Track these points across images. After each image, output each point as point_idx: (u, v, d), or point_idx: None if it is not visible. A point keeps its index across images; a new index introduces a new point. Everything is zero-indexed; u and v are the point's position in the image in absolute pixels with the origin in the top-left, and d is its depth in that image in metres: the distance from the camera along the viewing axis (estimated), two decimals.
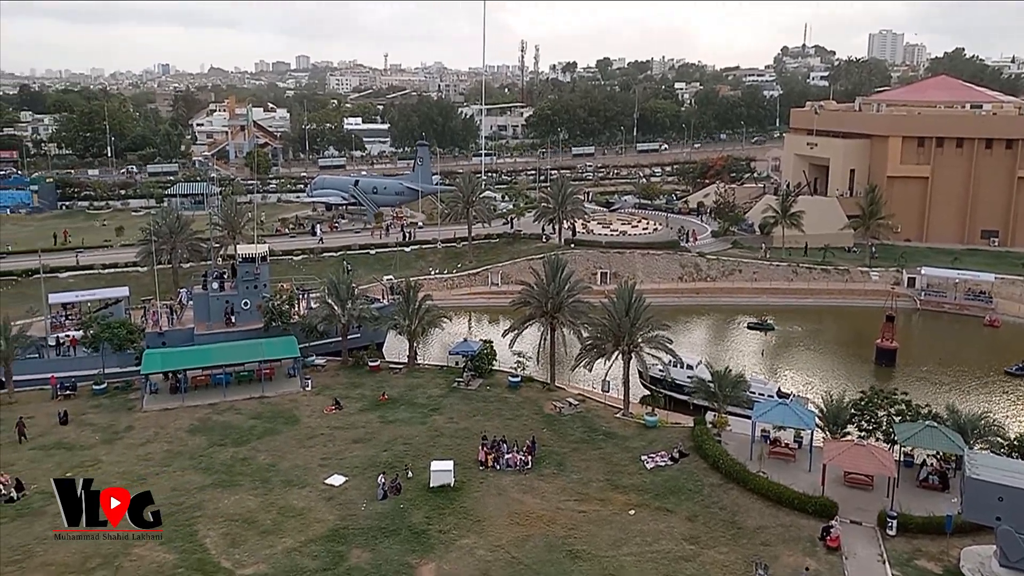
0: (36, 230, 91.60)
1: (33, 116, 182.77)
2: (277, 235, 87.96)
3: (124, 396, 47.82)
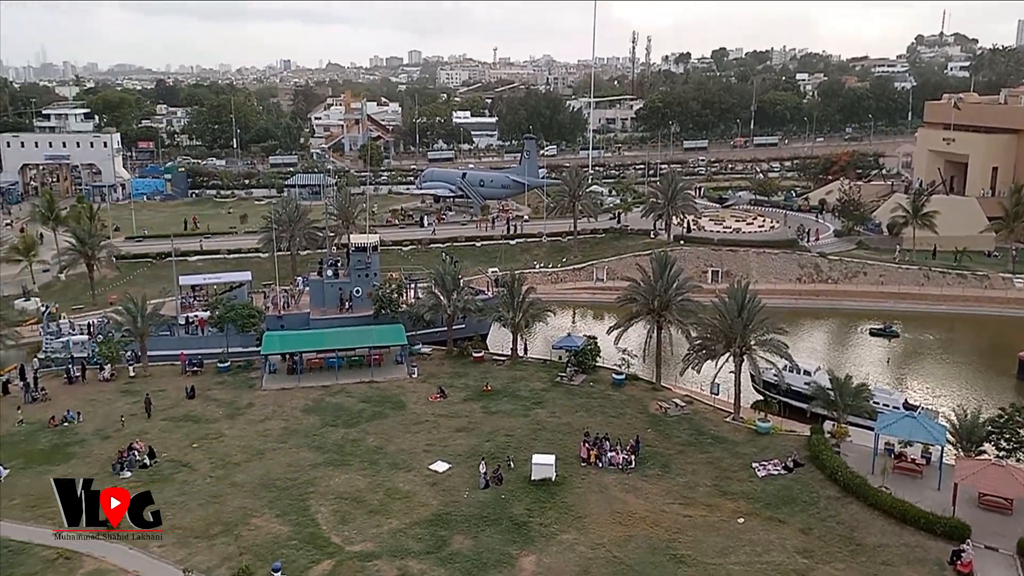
0: (169, 216, 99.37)
1: (168, 109, 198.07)
2: (387, 226, 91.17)
3: (245, 375, 51.10)
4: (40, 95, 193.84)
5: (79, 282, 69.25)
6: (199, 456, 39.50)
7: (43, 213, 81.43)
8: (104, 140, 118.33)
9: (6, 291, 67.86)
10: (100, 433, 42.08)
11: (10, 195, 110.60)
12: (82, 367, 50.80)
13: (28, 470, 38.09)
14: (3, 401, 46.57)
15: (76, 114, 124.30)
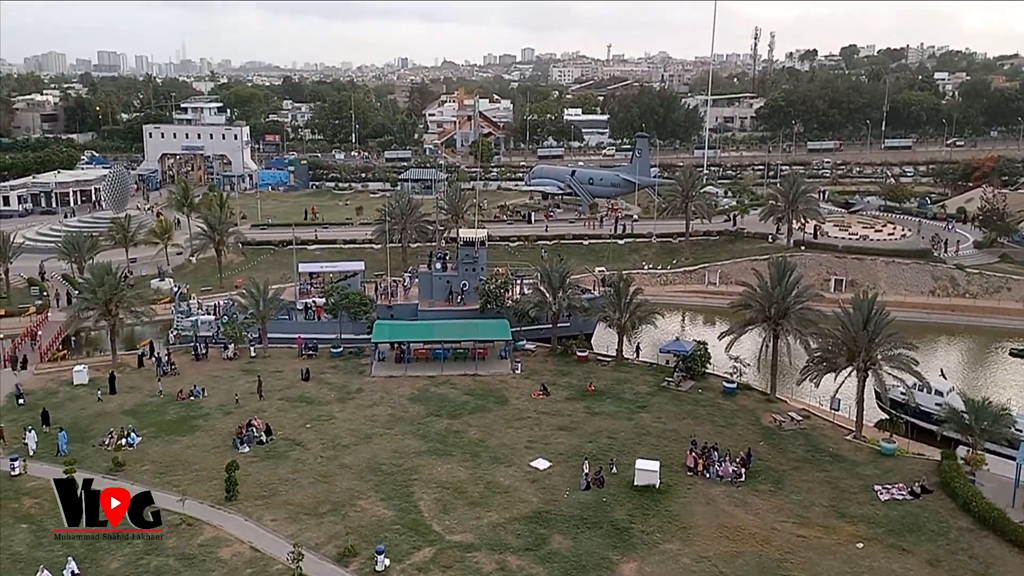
0: (291, 206, 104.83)
1: (293, 104, 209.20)
2: (496, 221, 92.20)
3: (356, 361, 53.09)
4: (179, 90, 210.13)
5: (208, 265, 74.27)
6: (311, 436, 41.35)
7: (179, 200, 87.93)
8: (235, 133, 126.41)
9: (144, 271, 73.67)
10: (222, 408, 44.87)
11: (151, 182, 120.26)
12: (206, 345, 54.48)
13: (158, 439, 41.12)
14: (138, 373, 50.54)
15: (210, 108, 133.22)
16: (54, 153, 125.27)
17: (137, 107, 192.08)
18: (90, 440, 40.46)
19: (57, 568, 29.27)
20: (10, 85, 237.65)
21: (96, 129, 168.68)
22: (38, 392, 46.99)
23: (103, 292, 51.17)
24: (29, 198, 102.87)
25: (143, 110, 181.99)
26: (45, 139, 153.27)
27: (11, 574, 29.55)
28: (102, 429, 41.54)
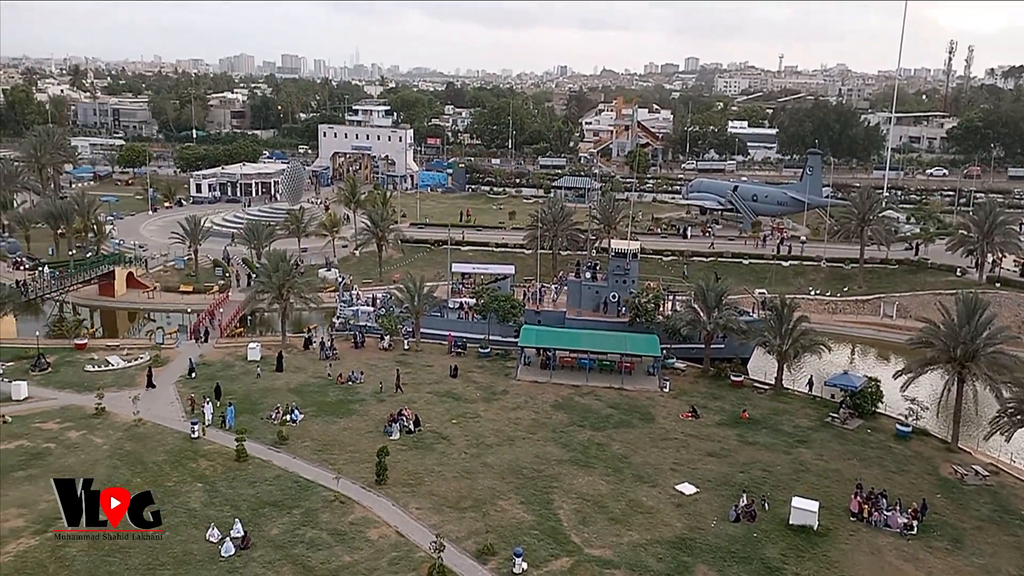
0: (447, 207, 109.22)
1: (454, 110, 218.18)
2: (649, 234, 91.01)
3: (502, 363, 54.34)
4: (352, 93, 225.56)
5: (370, 259, 79.02)
6: (456, 432, 42.79)
7: (347, 196, 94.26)
8: (400, 135, 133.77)
9: (312, 261, 79.58)
10: (376, 395, 47.52)
11: (323, 178, 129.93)
12: (363, 334, 57.96)
13: (318, 418, 44.23)
14: (303, 355, 54.62)
15: (378, 111, 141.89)
16: (240, 147, 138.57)
17: (314, 108, 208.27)
18: (259, 413, 44.24)
19: (225, 528, 32.24)
20: (206, 84, 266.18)
21: (277, 126, 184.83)
22: (217, 364, 52.08)
23: (277, 277, 55.82)
24: (218, 187, 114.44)
25: (319, 110, 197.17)
26: (234, 134, 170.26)
27: (187, 527, 32.89)
28: (270, 404, 45.33)
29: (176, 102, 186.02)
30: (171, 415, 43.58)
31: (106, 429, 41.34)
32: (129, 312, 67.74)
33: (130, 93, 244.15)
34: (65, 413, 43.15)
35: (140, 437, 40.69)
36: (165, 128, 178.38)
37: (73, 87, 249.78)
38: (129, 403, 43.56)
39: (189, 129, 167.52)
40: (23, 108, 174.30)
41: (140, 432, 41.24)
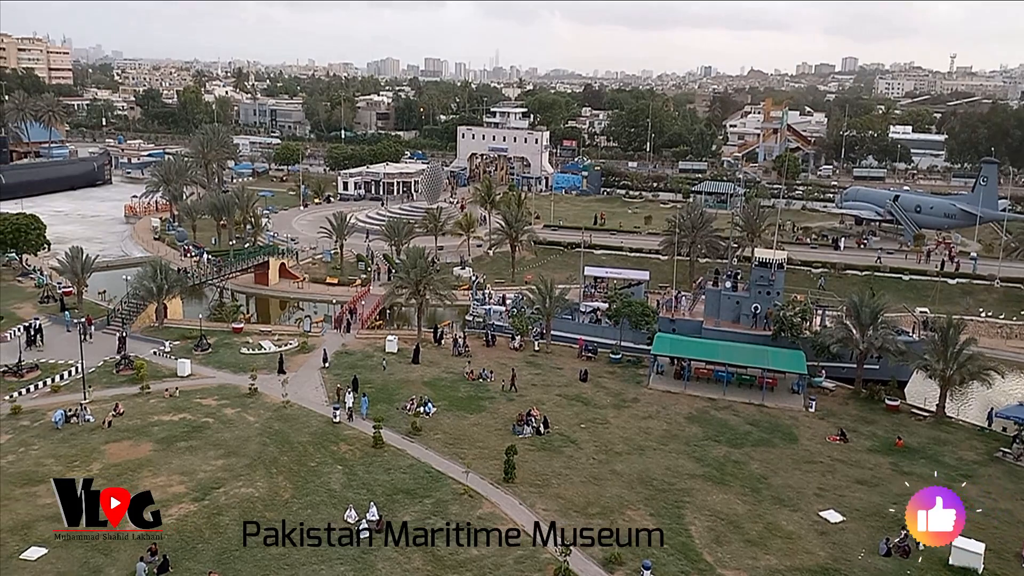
0: (581, 210, 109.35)
1: (591, 112, 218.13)
2: (797, 244, 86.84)
3: (634, 370, 53.76)
4: (491, 95, 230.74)
5: (503, 259, 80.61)
6: (585, 436, 42.80)
7: (482, 196, 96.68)
8: (536, 137, 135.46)
9: (448, 259, 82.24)
10: (506, 394, 48.42)
11: (460, 178, 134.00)
12: (494, 333, 59.20)
13: (449, 412, 45.68)
14: (437, 350, 56.56)
15: (515, 113, 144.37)
16: (384, 147, 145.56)
17: (454, 109, 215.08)
18: (395, 403, 46.31)
19: (362, 510, 34.02)
20: (355, 86, 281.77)
21: (419, 128, 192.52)
22: (357, 353, 55.03)
23: (415, 273, 58.19)
24: (363, 185, 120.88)
25: (458, 112, 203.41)
26: (379, 134, 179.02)
27: (327, 506, 34.98)
28: (405, 395, 47.36)
29: (327, 104, 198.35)
30: (316, 399, 46.55)
31: (258, 408, 44.77)
32: (280, 300, 72.95)
33: (286, 95, 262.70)
34: (222, 391, 47.15)
35: (287, 418, 43.75)
36: (317, 128, 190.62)
37: (236, 89, 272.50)
38: (279, 385, 46.96)
39: (338, 130, 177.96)
40: (193, 108, 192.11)
41: (287, 413, 44.33)
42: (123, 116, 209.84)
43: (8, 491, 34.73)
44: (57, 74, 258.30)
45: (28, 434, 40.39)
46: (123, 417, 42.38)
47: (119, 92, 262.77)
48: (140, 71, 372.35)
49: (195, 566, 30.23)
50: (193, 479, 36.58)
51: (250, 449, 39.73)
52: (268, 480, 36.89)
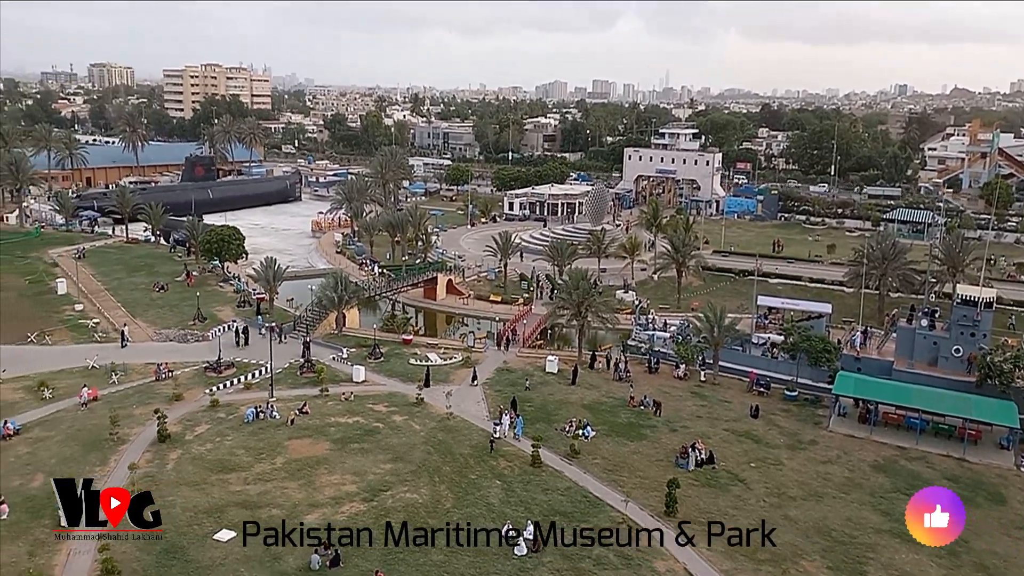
0: (755, 236, 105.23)
1: (768, 133, 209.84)
2: (1009, 281, 78.25)
3: (811, 409, 50.66)
4: (659, 116, 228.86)
5: (668, 284, 79.21)
6: (755, 476, 40.86)
7: (648, 219, 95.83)
8: (707, 159, 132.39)
9: (610, 281, 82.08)
10: (669, 424, 47.36)
11: (625, 200, 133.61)
12: (658, 360, 58.17)
13: (609, 437, 45.36)
14: (596, 373, 56.42)
15: (686, 134, 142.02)
16: (550, 169, 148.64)
17: (620, 131, 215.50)
18: (554, 423, 46.75)
19: (520, 525, 34.56)
20: (523, 109, 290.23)
21: (585, 149, 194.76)
22: (517, 371, 56.17)
23: (577, 295, 58.60)
24: (527, 205, 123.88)
25: (625, 134, 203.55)
26: (544, 156, 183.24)
27: (485, 519, 35.88)
28: (564, 416, 47.67)
29: (496, 126, 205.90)
30: (477, 413, 48.05)
31: (423, 418, 46.93)
32: (447, 315, 76.22)
33: (458, 118, 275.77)
34: (392, 398, 49.92)
35: (450, 429, 45.48)
36: (485, 150, 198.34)
37: (413, 113, 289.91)
38: (443, 397, 48.98)
39: (506, 151, 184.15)
40: (374, 131, 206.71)
41: (450, 425, 46.09)
42: (313, 138, 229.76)
43: (205, 476, 38.80)
44: (258, 100, 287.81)
45: (223, 425, 44.95)
46: (304, 416, 46.04)
47: (310, 116, 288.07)
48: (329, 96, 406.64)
49: (363, 563, 32.11)
50: (364, 480, 38.94)
51: (415, 456, 41.69)
52: (431, 488, 38.49)
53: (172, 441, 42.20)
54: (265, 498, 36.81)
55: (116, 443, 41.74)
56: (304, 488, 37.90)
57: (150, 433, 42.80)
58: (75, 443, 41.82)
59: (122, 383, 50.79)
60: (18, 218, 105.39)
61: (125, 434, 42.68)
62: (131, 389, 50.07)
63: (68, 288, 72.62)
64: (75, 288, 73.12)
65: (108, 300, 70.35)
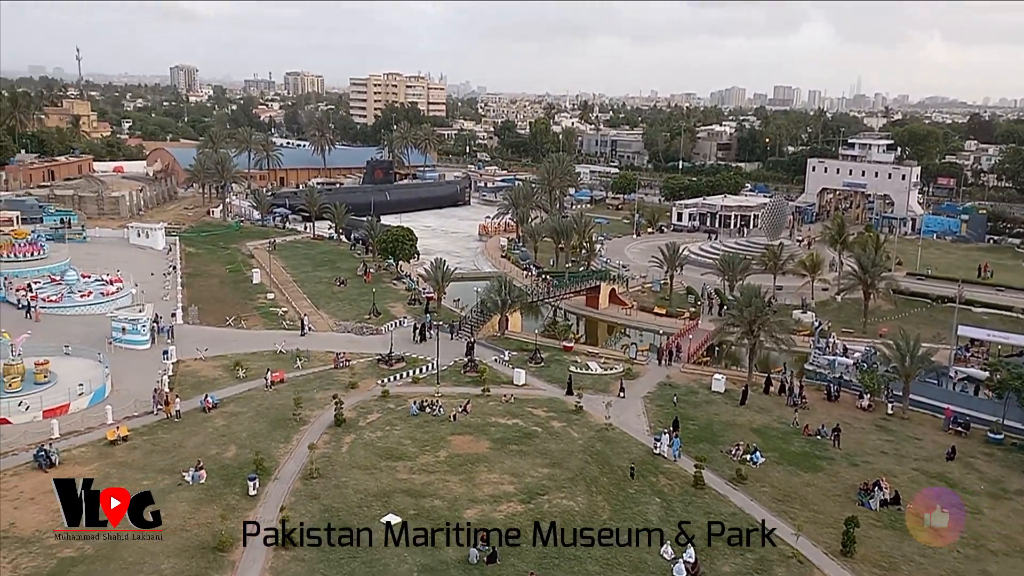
0: (957, 259, 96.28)
1: (977, 145, 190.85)
2: None
3: (1020, 455, 45.50)
4: (848, 125, 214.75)
5: (853, 307, 74.20)
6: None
7: (832, 235, 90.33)
8: (903, 173, 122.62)
9: (787, 300, 78.20)
10: (849, 457, 44.35)
11: (806, 214, 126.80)
12: (839, 387, 54.62)
13: (779, 465, 43.20)
14: (768, 396, 53.89)
15: (879, 145, 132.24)
16: (723, 179, 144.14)
17: (804, 140, 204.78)
18: (718, 445, 45.27)
19: (679, 549, 33.79)
20: (696, 116, 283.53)
21: (762, 159, 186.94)
22: (681, 388, 54.92)
23: (749, 312, 56.29)
24: (697, 216, 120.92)
25: (809, 144, 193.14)
26: (717, 165, 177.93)
27: (643, 536, 35.27)
28: (730, 438, 46.05)
29: (667, 134, 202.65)
30: (637, 427, 47.55)
31: (582, 426, 47.14)
32: (608, 325, 76.07)
33: (627, 126, 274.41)
34: (551, 404, 50.57)
35: (609, 440, 45.34)
36: (655, 158, 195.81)
37: (581, 120, 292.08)
38: (602, 407, 48.93)
39: (676, 160, 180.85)
40: (542, 138, 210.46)
41: (609, 435, 45.94)
42: (483, 144, 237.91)
43: (375, 462, 41.31)
44: (434, 107, 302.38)
45: (392, 415, 47.65)
46: (466, 414, 47.76)
47: (481, 123, 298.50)
48: (499, 104, 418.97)
49: (518, 563, 32.81)
50: (521, 482, 39.75)
51: (573, 464, 41.96)
52: (588, 497, 38.58)
53: (347, 426, 45.34)
54: (428, 488, 38.59)
55: (298, 423, 45.52)
56: (464, 483, 39.32)
57: (328, 417, 46.23)
58: (264, 420, 46.08)
59: (305, 368, 55.29)
60: (222, 212, 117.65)
61: (306, 415, 46.44)
62: (312, 374, 54.38)
63: (261, 278, 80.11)
64: (267, 278, 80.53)
65: (295, 291, 76.88)
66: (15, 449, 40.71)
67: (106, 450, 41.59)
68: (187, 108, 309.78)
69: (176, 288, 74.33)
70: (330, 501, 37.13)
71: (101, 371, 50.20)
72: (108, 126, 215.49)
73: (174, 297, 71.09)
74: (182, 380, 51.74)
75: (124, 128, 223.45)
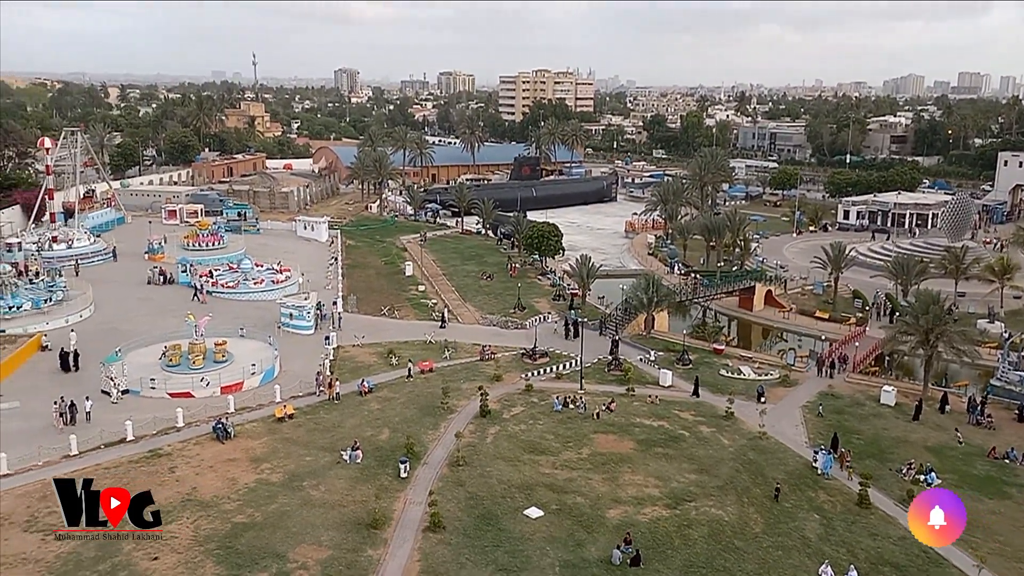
0: None
1: None
2: None
3: None
4: None
5: None
6: None
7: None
8: None
9: (971, 308, 71.49)
10: None
11: (995, 214, 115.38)
12: None
13: (958, 490, 38.91)
14: (947, 415, 49.37)
15: None
16: (897, 174, 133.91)
17: (994, 132, 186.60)
18: (887, 463, 42.12)
19: (840, 568, 31.76)
20: (867, 107, 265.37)
21: (943, 153, 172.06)
22: (845, 399, 51.59)
23: (926, 320, 51.95)
24: (867, 215, 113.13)
25: (1000, 135, 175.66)
26: (891, 159, 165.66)
27: (799, 553, 33.69)
28: (901, 456, 42.75)
29: (833, 126, 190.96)
30: (795, 437, 45.17)
31: (732, 433, 45.40)
32: (763, 328, 72.78)
33: (788, 118, 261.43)
34: (699, 408, 49.07)
35: (762, 449, 43.37)
36: (818, 152, 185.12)
37: (737, 112, 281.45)
38: (756, 414, 46.89)
39: (843, 153, 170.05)
40: (694, 132, 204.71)
41: (763, 445, 43.94)
42: (631, 140, 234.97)
43: (518, 454, 41.87)
44: (581, 102, 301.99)
45: (535, 410, 48.09)
46: (610, 412, 47.34)
47: (629, 118, 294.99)
48: (649, 98, 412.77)
49: (663, 568, 32.13)
50: (667, 486, 38.88)
51: (722, 471, 40.51)
52: (739, 507, 37.10)
53: (492, 417, 46.28)
54: (571, 485, 38.61)
55: (446, 412, 47.01)
56: (607, 483, 39.00)
57: (474, 407, 47.39)
58: (414, 406, 47.98)
59: (452, 359, 56.97)
60: (378, 207, 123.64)
61: (453, 405, 47.86)
62: (459, 365, 55.96)
63: (413, 271, 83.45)
64: (419, 271, 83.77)
65: (444, 284, 79.46)
66: (197, 421, 44.74)
67: (274, 426, 44.91)
68: (349, 109, 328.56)
69: (337, 278, 78.95)
70: (475, 489, 38.03)
71: (271, 353, 54.25)
72: (279, 126, 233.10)
73: (335, 287, 75.50)
74: (341, 364, 54.85)
75: (293, 128, 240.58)
